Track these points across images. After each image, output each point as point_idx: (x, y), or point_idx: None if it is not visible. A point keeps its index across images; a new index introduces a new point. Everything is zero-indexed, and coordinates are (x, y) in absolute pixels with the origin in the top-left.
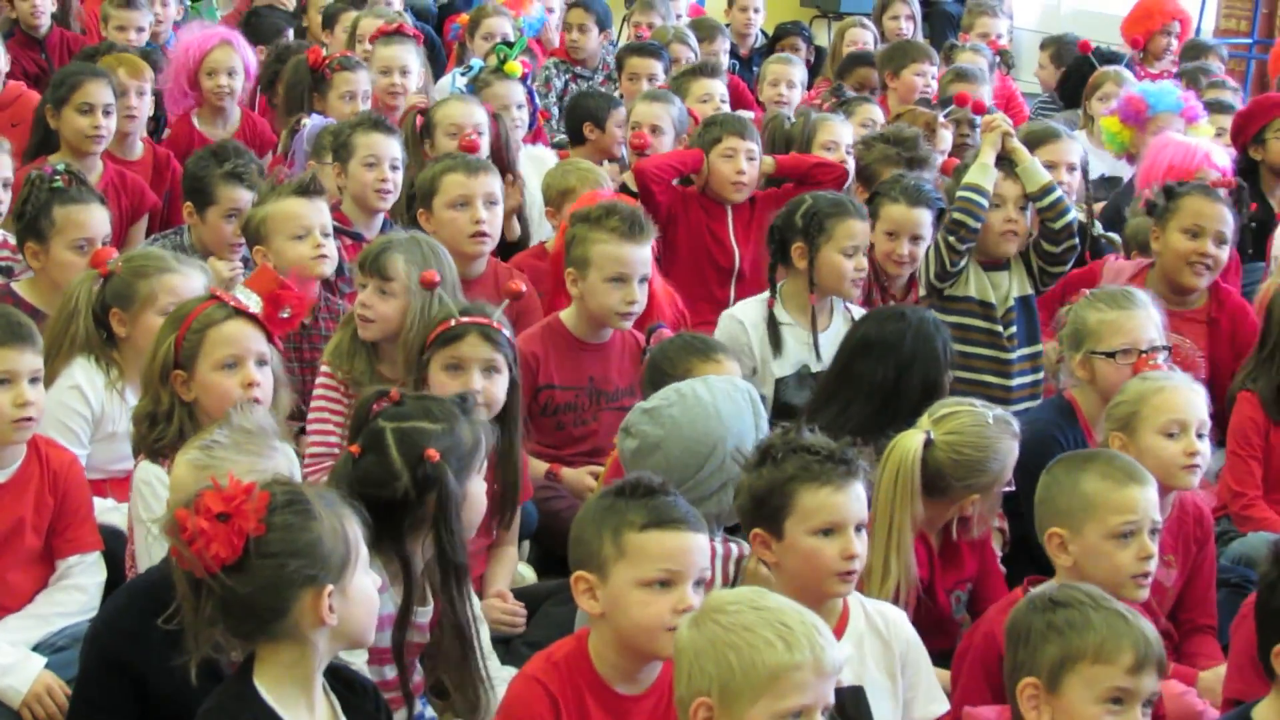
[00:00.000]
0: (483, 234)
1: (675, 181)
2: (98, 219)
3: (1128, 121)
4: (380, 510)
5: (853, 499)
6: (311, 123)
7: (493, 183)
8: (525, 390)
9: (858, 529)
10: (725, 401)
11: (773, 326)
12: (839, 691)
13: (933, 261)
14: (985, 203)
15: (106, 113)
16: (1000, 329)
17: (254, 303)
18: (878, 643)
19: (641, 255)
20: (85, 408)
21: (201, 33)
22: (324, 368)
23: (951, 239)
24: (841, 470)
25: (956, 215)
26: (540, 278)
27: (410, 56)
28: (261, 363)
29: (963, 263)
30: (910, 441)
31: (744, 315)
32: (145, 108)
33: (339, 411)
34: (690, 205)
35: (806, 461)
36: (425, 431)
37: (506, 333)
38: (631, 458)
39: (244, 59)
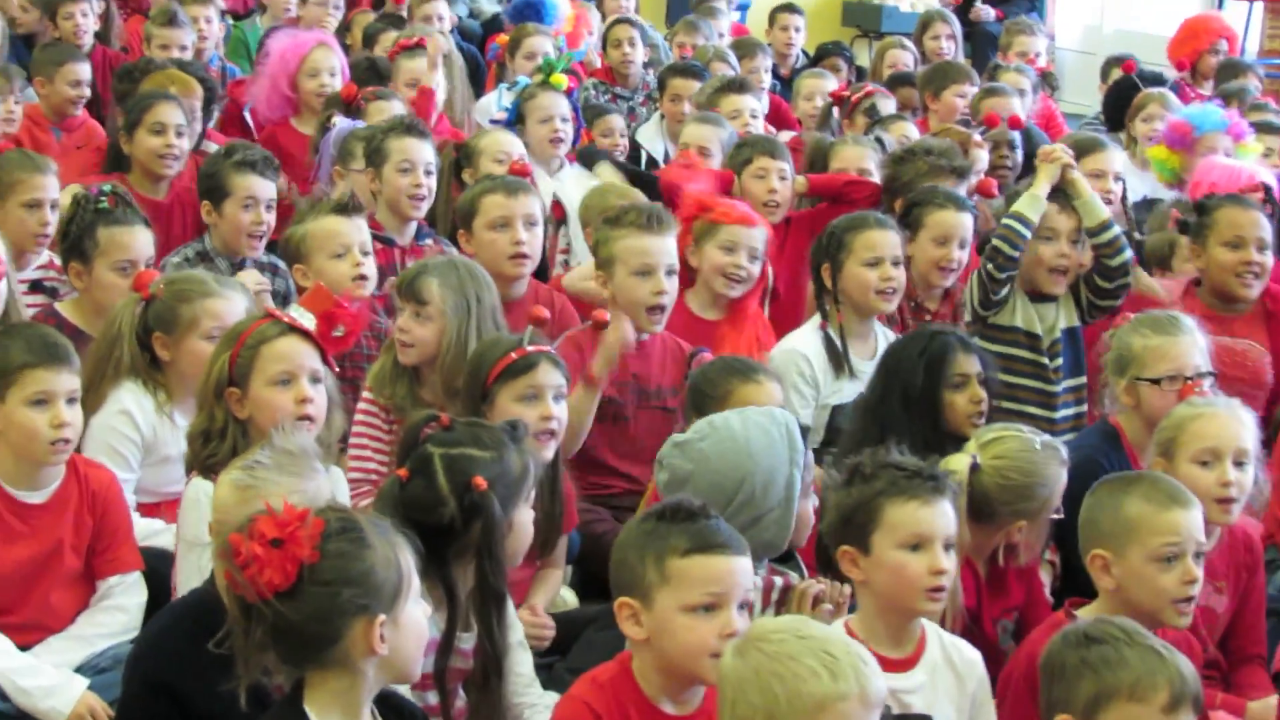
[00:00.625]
0: (523, 255)
1: None
2: (141, 241)
3: (1174, 147)
4: (426, 536)
5: (940, 514)
6: (340, 124)
7: (532, 204)
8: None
9: (946, 547)
10: (758, 434)
11: (833, 351)
12: (907, 718)
13: (976, 289)
14: (1028, 234)
15: (179, 133)
16: (1046, 361)
17: (308, 321)
18: (951, 676)
19: (664, 245)
20: (135, 432)
21: (296, 37)
22: (366, 393)
23: (990, 266)
24: (930, 485)
25: (996, 242)
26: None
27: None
28: (315, 380)
29: (1004, 291)
30: (957, 466)
31: (803, 346)
32: (196, 128)
33: (378, 438)
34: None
35: (895, 477)
36: (474, 459)
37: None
38: (664, 491)
39: (340, 60)
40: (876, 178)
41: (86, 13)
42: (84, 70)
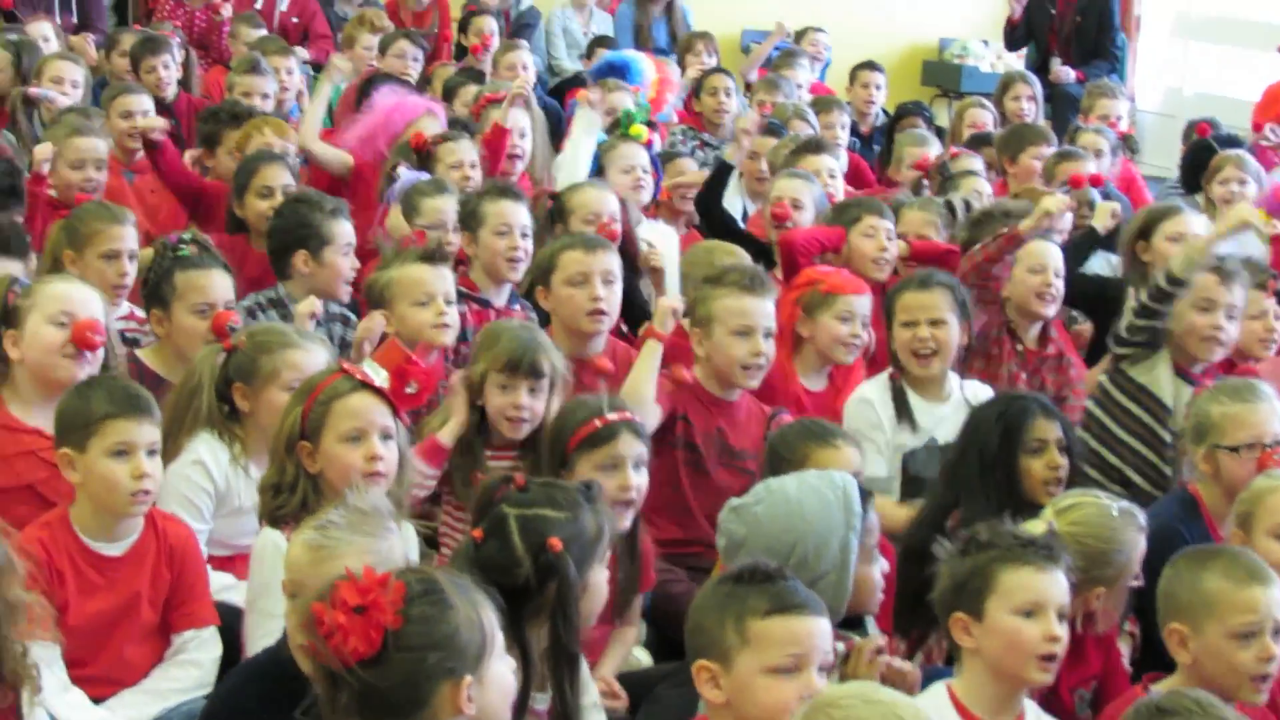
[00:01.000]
0: (600, 311)
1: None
2: (219, 284)
3: (1276, 213)
4: (501, 596)
5: (1054, 582)
6: (405, 175)
7: (611, 260)
8: (665, 400)
9: (1060, 616)
10: (811, 498)
11: (900, 399)
12: None
13: (1126, 312)
14: (1188, 279)
15: (285, 194)
16: (1164, 435)
17: (381, 377)
18: None
19: (764, 308)
20: (209, 483)
21: (406, 100)
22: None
23: (1143, 296)
24: (1044, 554)
25: (1157, 277)
26: (681, 354)
27: (526, 120)
28: (386, 437)
29: (1148, 327)
30: (1034, 532)
31: (871, 394)
32: (293, 166)
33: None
34: None
35: (1010, 544)
36: (549, 519)
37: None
38: (723, 556)
39: (442, 129)
40: (940, 240)
41: (168, 64)
42: (136, 102)
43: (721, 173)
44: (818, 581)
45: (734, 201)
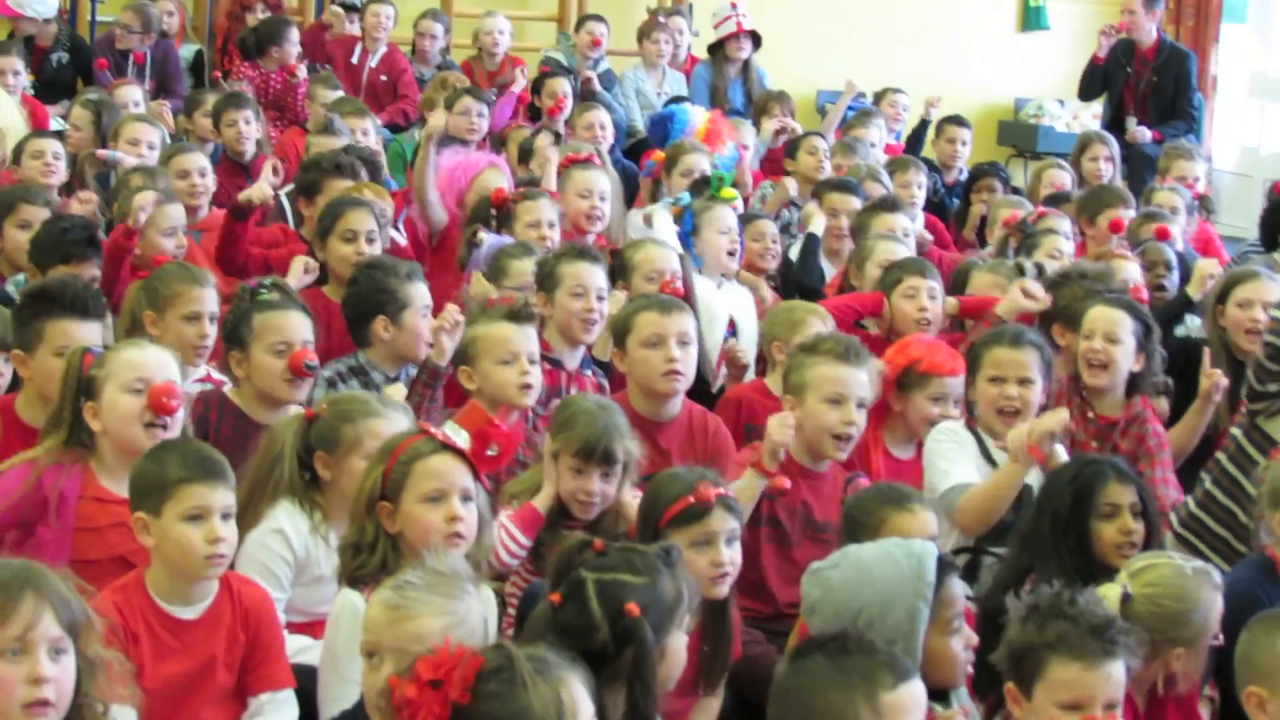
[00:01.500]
0: (676, 372)
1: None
2: (296, 323)
3: None
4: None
5: (1105, 678)
6: (489, 240)
7: (686, 321)
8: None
9: (1108, 707)
10: (884, 564)
11: (981, 443)
12: None
13: (1251, 369)
14: None
15: (370, 240)
16: None
17: (462, 439)
18: None
19: (858, 377)
20: (288, 552)
21: (469, 156)
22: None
23: (1260, 354)
24: (1098, 648)
25: (1270, 336)
26: (759, 411)
27: (605, 182)
28: (466, 498)
29: (1273, 388)
30: (1108, 596)
31: (955, 426)
32: (388, 234)
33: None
34: (874, 349)
35: (1066, 631)
36: (627, 584)
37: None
38: (803, 616)
39: (508, 182)
40: None
41: (249, 120)
42: (190, 161)
43: (812, 246)
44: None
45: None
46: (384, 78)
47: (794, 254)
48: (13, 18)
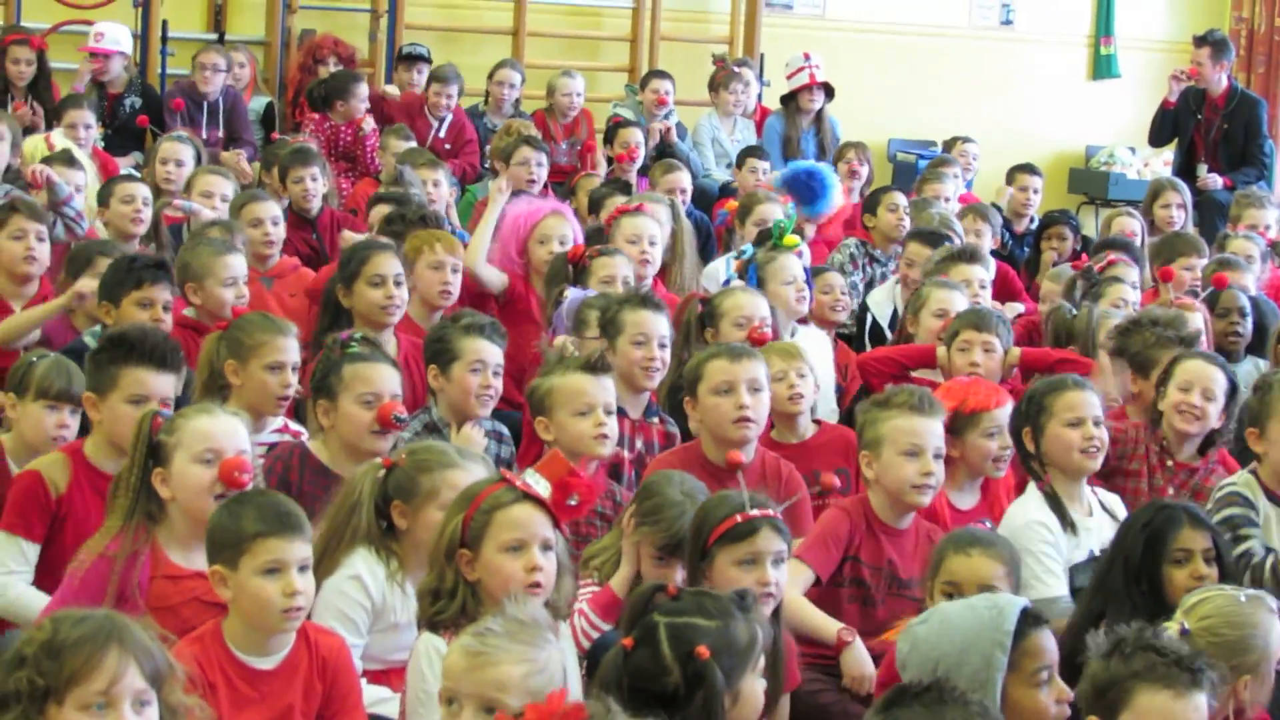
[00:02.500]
0: (746, 419)
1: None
2: (385, 376)
3: None
4: (650, 704)
5: (1192, 709)
6: (572, 295)
7: (757, 368)
8: (835, 552)
9: None
10: (965, 617)
11: (1060, 511)
12: None
13: None
14: None
15: (397, 283)
16: None
17: (543, 488)
18: None
19: (933, 428)
20: (366, 598)
21: (531, 203)
22: (587, 580)
23: None
24: (1186, 678)
25: None
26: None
27: (654, 228)
28: (546, 548)
29: None
30: (1179, 644)
31: (1037, 514)
32: (458, 283)
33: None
34: None
35: (1153, 662)
36: (698, 628)
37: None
38: (900, 669)
39: (575, 229)
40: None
41: (316, 176)
42: (264, 209)
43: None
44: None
45: (885, 307)
46: (448, 147)
47: (870, 301)
48: (96, 62)
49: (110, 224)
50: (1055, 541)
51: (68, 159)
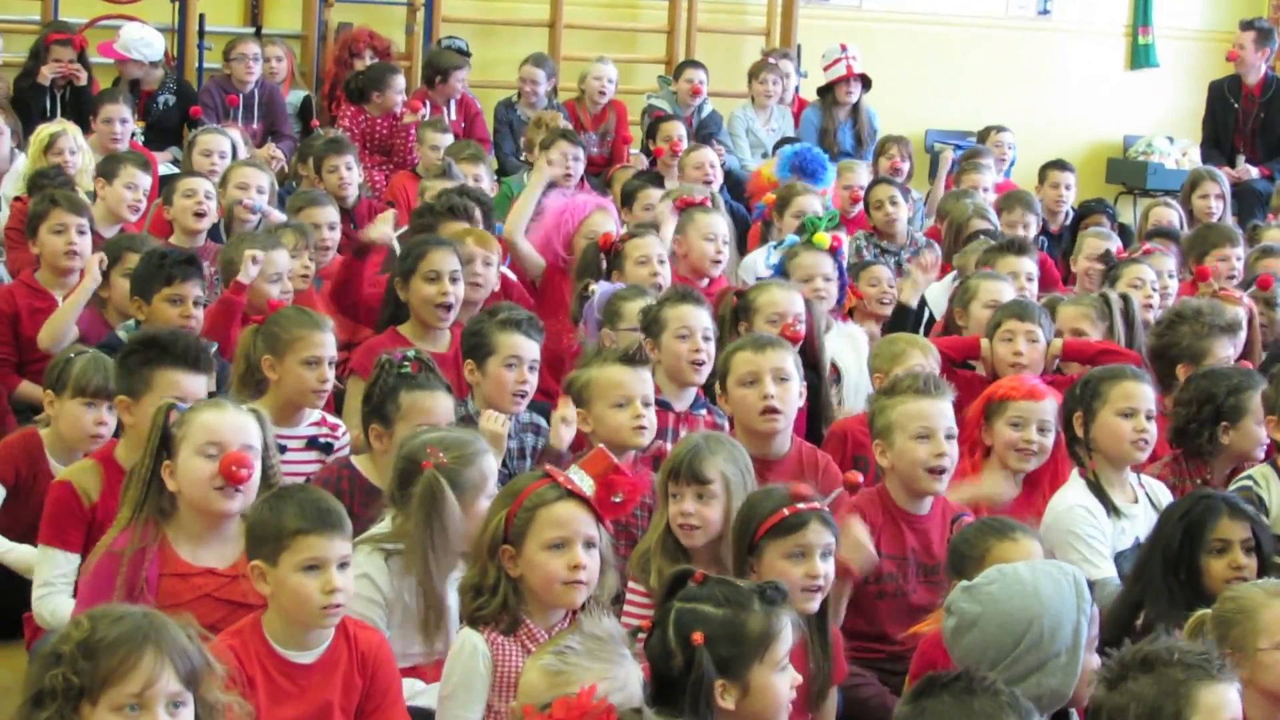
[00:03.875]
0: (772, 410)
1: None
2: (442, 406)
3: None
4: (666, 687)
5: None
6: (601, 289)
7: (782, 358)
8: None
9: None
10: (1046, 581)
11: (1103, 499)
12: None
13: None
14: None
15: (453, 279)
16: None
17: (587, 485)
18: None
19: (942, 409)
20: (377, 593)
21: (575, 199)
22: (632, 583)
23: None
24: (1219, 667)
25: None
26: (866, 443)
27: (724, 225)
28: (589, 545)
29: None
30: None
31: (1082, 499)
32: (492, 278)
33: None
34: (974, 387)
35: (1196, 659)
36: (701, 614)
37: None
38: (951, 636)
39: (616, 226)
40: (1095, 336)
41: (350, 165)
42: (325, 214)
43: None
44: (1049, 662)
45: (942, 301)
46: (463, 125)
47: (929, 295)
48: (120, 61)
49: (174, 221)
50: (1099, 525)
51: (140, 161)
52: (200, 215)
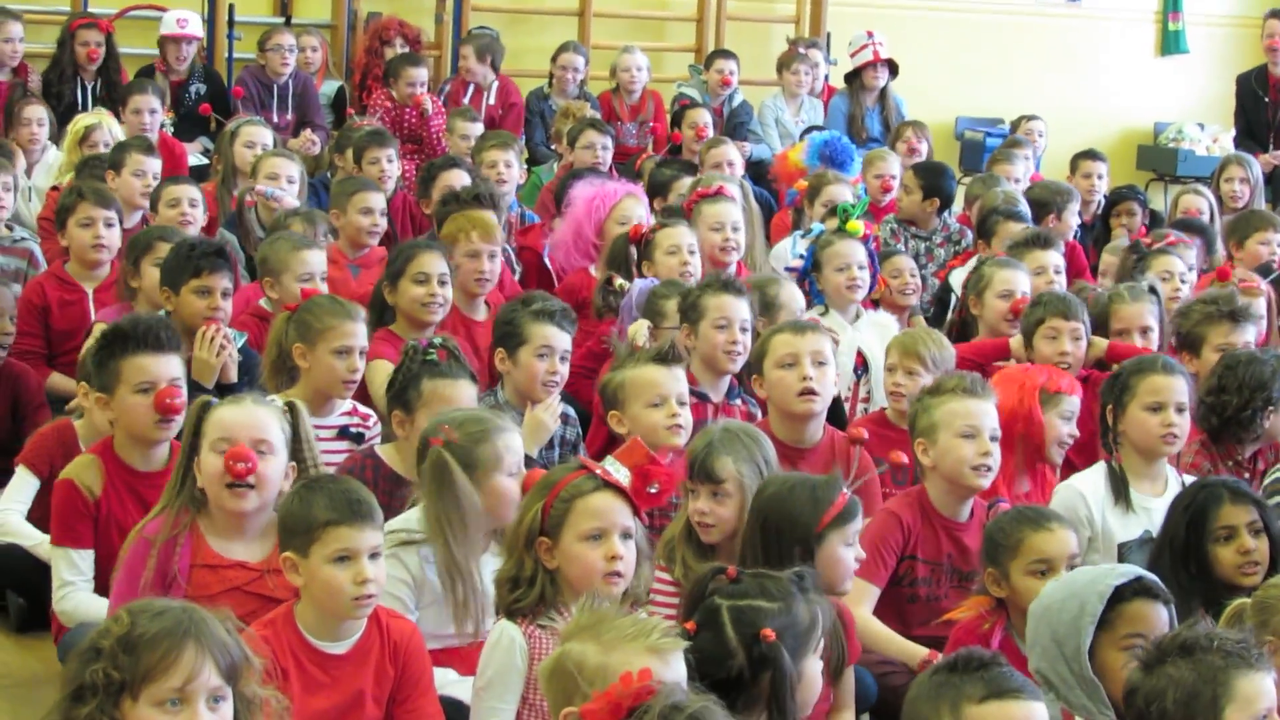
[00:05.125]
0: (811, 391)
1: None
2: (465, 394)
3: None
4: (715, 689)
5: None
6: (640, 284)
7: (821, 341)
8: (890, 557)
9: None
10: (1083, 572)
11: (1116, 487)
12: None
13: None
14: None
15: (442, 282)
16: None
17: (623, 475)
18: None
19: (987, 410)
20: (406, 574)
21: (604, 186)
22: (657, 572)
23: None
24: (1256, 655)
25: None
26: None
27: (736, 213)
28: (626, 536)
29: None
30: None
31: (1083, 486)
32: (495, 272)
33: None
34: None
35: (1232, 647)
36: (761, 610)
37: None
38: None
39: (646, 210)
40: (1157, 333)
41: (392, 158)
42: (376, 200)
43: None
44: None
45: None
46: (500, 112)
47: (954, 280)
48: (175, 40)
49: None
50: (1088, 516)
51: (145, 146)
52: (185, 223)
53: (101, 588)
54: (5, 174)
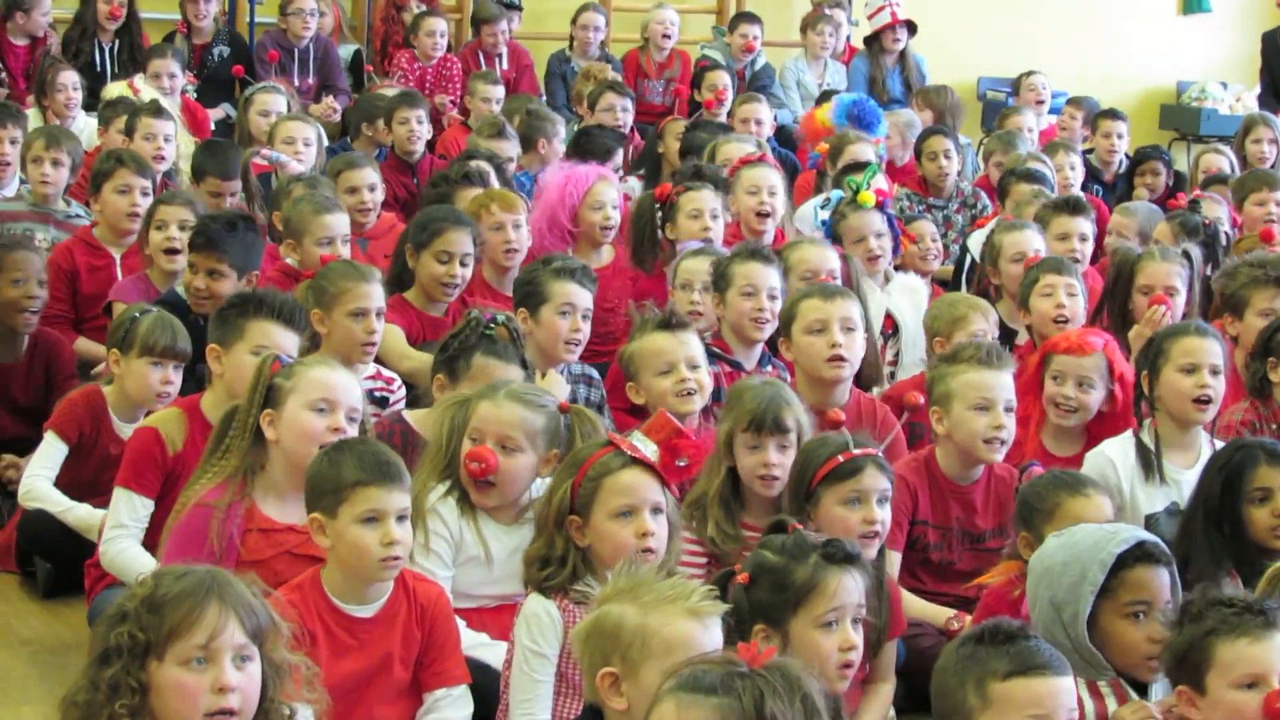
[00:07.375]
0: (839, 358)
1: None
2: (513, 376)
3: None
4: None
5: (1274, 649)
6: (681, 246)
7: (850, 308)
8: (903, 520)
9: None
10: (1085, 533)
11: (1145, 458)
12: None
13: None
14: None
15: (463, 263)
16: None
17: (651, 451)
18: None
19: (1003, 380)
20: (445, 529)
21: (576, 170)
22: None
23: None
24: (1259, 621)
25: None
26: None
27: (774, 177)
28: (657, 511)
29: None
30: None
31: (1113, 453)
32: (523, 240)
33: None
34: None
35: (1224, 614)
36: (758, 559)
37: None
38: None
39: (619, 193)
40: (1183, 295)
41: (422, 119)
42: (361, 176)
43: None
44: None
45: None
46: (514, 75)
47: (973, 244)
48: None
49: (152, 257)
50: (1115, 485)
51: (155, 109)
52: (173, 253)
53: (149, 544)
54: (58, 150)
